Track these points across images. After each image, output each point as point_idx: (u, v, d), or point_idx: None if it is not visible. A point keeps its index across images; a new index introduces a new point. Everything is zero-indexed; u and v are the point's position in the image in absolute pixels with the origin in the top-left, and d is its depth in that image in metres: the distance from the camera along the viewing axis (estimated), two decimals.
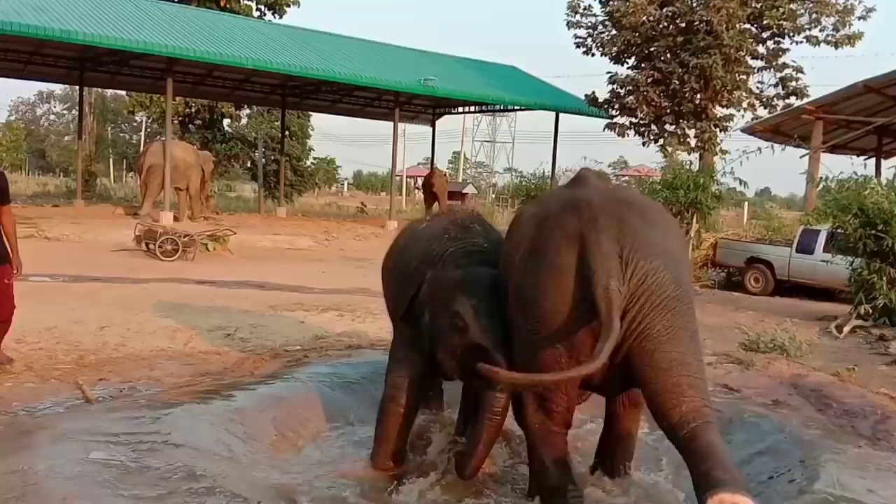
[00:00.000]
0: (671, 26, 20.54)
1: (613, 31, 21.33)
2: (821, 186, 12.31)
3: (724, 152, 20.17)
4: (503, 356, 3.81)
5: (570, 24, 22.14)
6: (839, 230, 11.25)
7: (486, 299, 3.99)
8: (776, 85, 21.33)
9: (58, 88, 57.68)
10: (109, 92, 44.80)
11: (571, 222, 3.59)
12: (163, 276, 11.15)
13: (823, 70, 26.01)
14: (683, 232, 15.11)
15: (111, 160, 50.53)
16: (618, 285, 3.37)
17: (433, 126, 30.34)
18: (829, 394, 5.85)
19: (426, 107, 28.85)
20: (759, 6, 19.89)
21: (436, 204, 26.68)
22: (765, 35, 20.82)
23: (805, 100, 20.52)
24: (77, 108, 28.55)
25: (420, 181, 33.16)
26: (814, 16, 20.22)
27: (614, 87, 21.61)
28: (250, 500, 3.47)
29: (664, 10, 20.32)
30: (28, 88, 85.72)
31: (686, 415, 3.37)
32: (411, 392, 4.44)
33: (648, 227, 3.64)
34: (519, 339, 3.78)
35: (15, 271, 5.75)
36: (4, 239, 5.72)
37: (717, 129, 20.93)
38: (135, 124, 53.45)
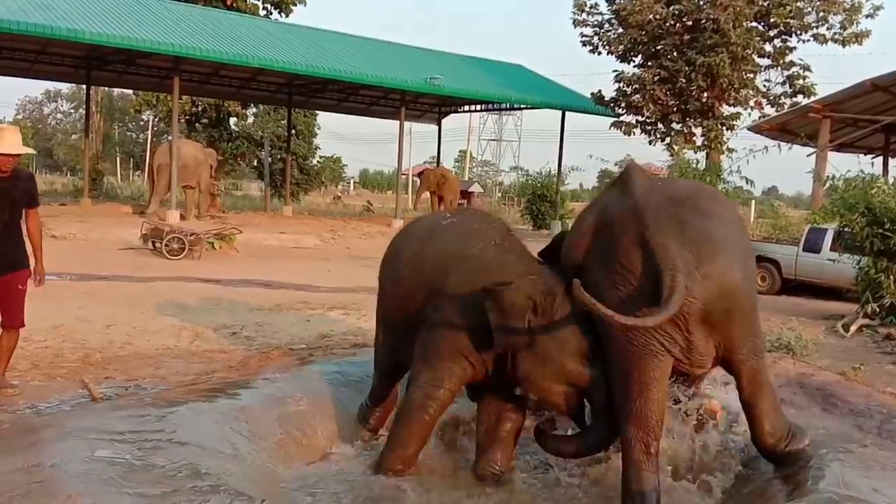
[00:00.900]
0: (678, 24, 20.50)
1: (620, 30, 21.31)
2: (828, 185, 12.27)
3: (730, 151, 20.11)
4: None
5: (576, 23, 22.12)
6: (846, 229, 11.19)
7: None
8: (783, 83, 21.28)
9: (65, 87, 57.84)
10: (116, 91, 44.85)
11: (632, 228, 3.87)
12: (169, 275, 11.17)
13: (830, 68, 25.90)
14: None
15: (118, 159, 50.71)
16: (684, 278, 3.64)
17: (439, 125, 30.31)
18: (834, 393, 5.83)
19: (432, 105, 28.83)
20: (766, 4, 19.86)
21: (440, 202, 26.65)
22: (772, 33, 20.77)
23: (812, 98, 20.46)
24: (84, 106, 28.62)
25: (418, 178, 33.08)
26: (821, 14, 20.18)
27: (621, 85, 21.58)
28: (254, 498, 3.48)
29: (671, 8, 20.28)
30: (35, 87, 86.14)
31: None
32: (444, 403, 4.41)
33: (707, 220, 3.95)
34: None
35: (36, 279, 5.44)
36: (27, 243, 5.48)
37: (724, 128, 20.88)
38: (142, 123, 53.51)
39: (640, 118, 21.66)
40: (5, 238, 5.25)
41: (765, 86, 21.39)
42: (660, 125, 21.43)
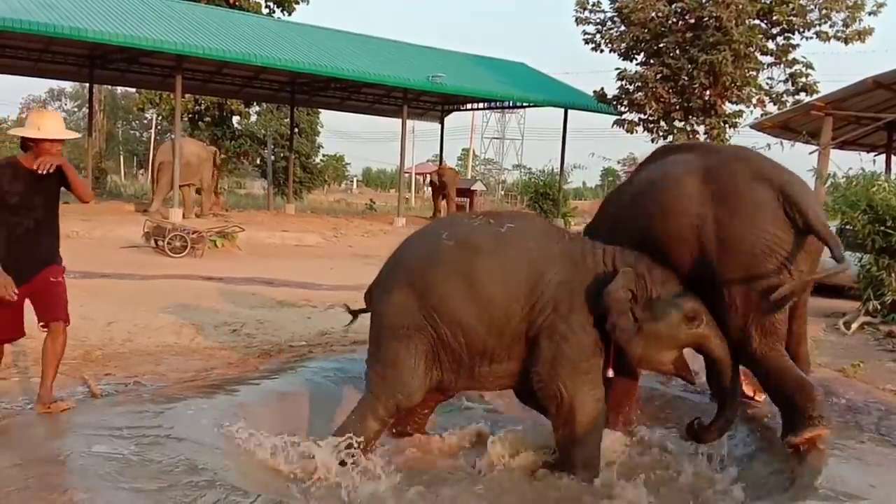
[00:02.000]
0: (680, 22, 20.48)
1: (622, 28, 21.29)
2: (829, 183, 12.25)
3: None
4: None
5: (578, 21, 22.11)
6: (848, 226, 11.18)
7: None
8: (785, 81, 21.25)
9: (68, 86, 57.86)
10: (119, 89, 44.94)
11: (755, 167, 4.46)
12: (171, 273, 11.19)
13: (833, 66, 25.85)
14: None
15: (121, 157, 50.78)
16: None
17: (442, 123, 30.34)
18: (833, 389, 5.82)
19: (435, 104, 28.84)
20: (768, 2, 19.82)
21: (443, 201, 26.66)
22: (774, 31, 20.74)
23: (814, 96, 20.42)
24: (87, 105, 28.66)
25: (429, 178, 33.10)
26: (823, 11, 20.13)
27: (623, 83, 21.56)
28: (250, 493, 3.49)
29: (673, 6, 20.26)
30: (39, 86, 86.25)
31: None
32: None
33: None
34: (734, 275, 4.33)
35: None
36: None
37: (727, 126, 20.86)
38: (145, 121, 53.55)
39: (642, 116, 21.64)
40: (38, 234, 4.83)
41: (767, 83, 21.36)
42: (662, 123, 21.41)
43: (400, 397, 4.51)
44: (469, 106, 29.74)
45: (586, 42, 22.14)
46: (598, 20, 21.96)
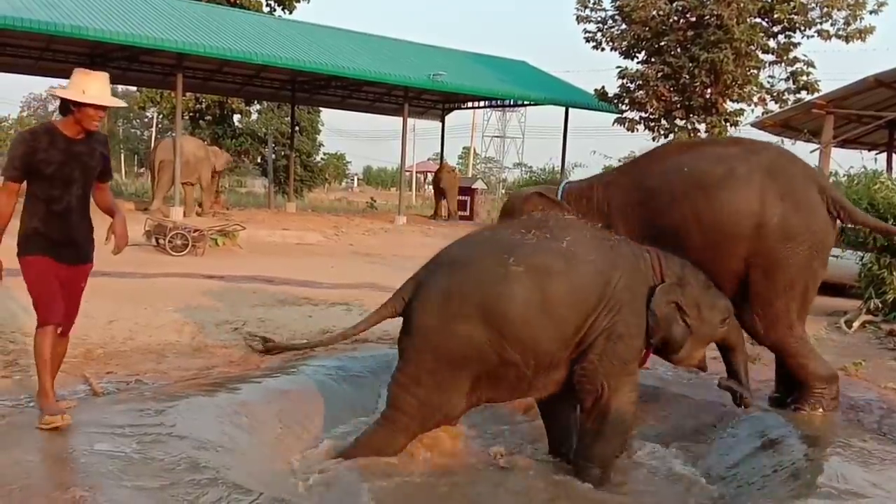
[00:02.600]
0: (681, 20, 20.45)
1: (623, 26, 21.25)
2: (831, 181, 12.25)
3: None
4: None
5: (579, 19, 22.07)
6: (849, 225, 11.18)
7: None
8: (787, 79, 21.21)
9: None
10: (120, 87, 44.87)
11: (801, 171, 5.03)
12: (172, 271, 11.18)
13: (834, 64, 25.86)
14: None
15: (122, 156, 50.78)
16: None
17: (442, 121, 30.33)
18: None
19: (435, 102, 28.83)
20: (769, 0, 19.79)
21: (443, 200, 26.66)
22: (775, 29, 20.70)
23: (815, 94, 20.40)
24: None
25: (430, 177, 33.10)
26: (825, 10, 20.10)
27: (624, 81, 21.53)
28: (252, 491, 3.49)
29: (674, 5, 20.23)
30: (40, 84, 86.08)
31: None
32: None
33: None
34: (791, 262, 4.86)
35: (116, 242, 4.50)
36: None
37: (728, 124, 20.82)
38: (145, 120, 53.62)
39: (643, 114, 21.60)
40: (79, 218, 4.38)
41: (768, 82, 21.32)
42: (663, 121, 21.37)
43: (439, 419, 4.45)
44: (470, 104, 29.74)
45: (587, 40, 22.10)
46: (599, 18, 21.91)
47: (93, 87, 4.21)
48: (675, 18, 20.43)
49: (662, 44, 20.60)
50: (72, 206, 4.31)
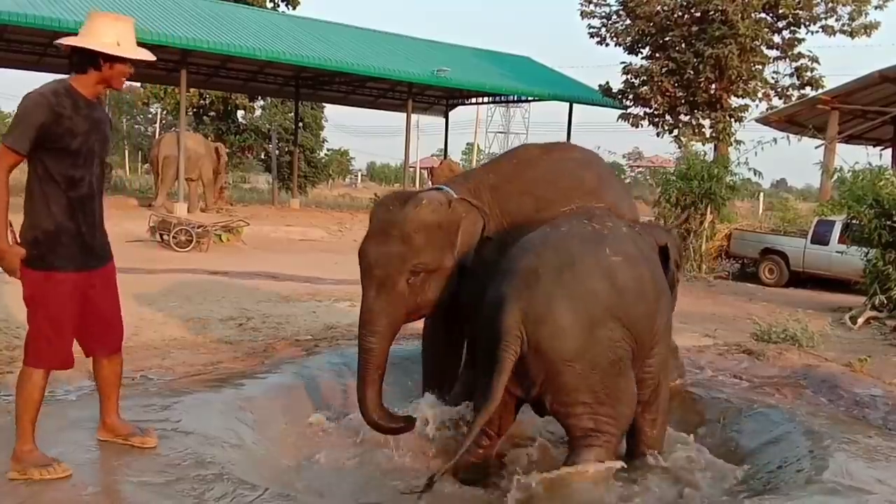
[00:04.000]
0: (686, 16, 20.42)
1: (628, 21, 21.24)
2: (836, 177, 12.24)
3: (738, 142, 20.06)
4: None
5: (584, 14, 22.05)
6: (854, 221, 11.17)
7: None
8: (791, 75, 21.19)
9: None
10: (124, 83, 44.91)
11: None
12: (176, 267, 11.21)
13: (839, 60, 25.78)
14: (697, 223, 15.07)
15: (126, 152, 50.76)
16: None
17: (446, 117, 30.30)
18: (840, 384, 5.82)
19: (439, 98, 28.81)
20: None
21: None
22: (780, 24, 20.67)
23: (820, 90, 20.37)
24: None
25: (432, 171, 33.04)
26: (829, 5, 20.07)
27: (628, 77, 21.51)
28: (258, 486, 3.49)
29: (679, 0, 20.21)
30: (43, 80, 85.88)
31: None
32: None
33: None
34: None
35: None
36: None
37: (732, 120, 20.81)
38: (150, 116, 53.63)
39: (647, 110, 21.58)
40: (99, 205, 3.63)
41: (773, 77, 21.30)
42: (668, 117, 21.35)
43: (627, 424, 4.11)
44: (474, 100, 29.72)
45: (591, 36, 22.10)
46: (603, 14, 21.90)
47: (127, 37, 3.49)
48: (680, 14, 20.41)
49: (667, 39, 20.57)
50: (94, 189, 3.54)
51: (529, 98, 27.91)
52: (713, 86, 20.36)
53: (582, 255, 3.88)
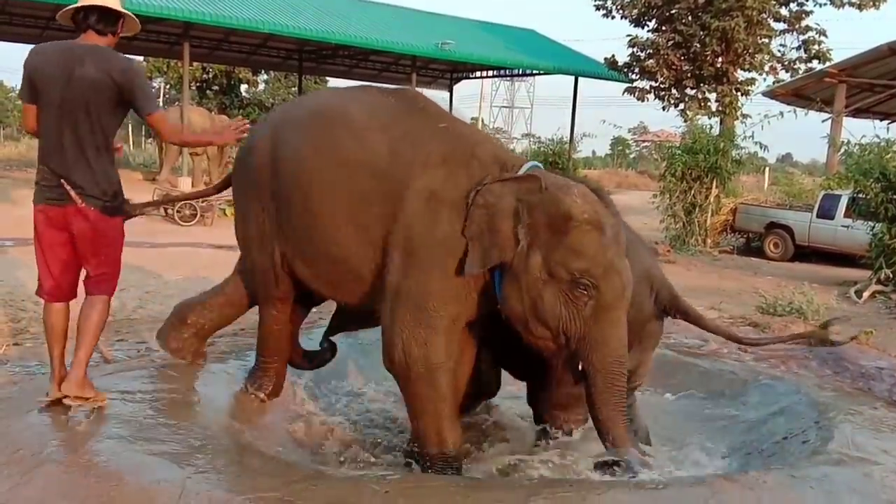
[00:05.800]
0: None
1: None
2: (842, 151, 12.18)
3: (745, 116, 19.95)
4: None
5: None
6: (860, 195, 11.13)
7: None
8: (798, 48, 21.06)
9: None
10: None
11: None
12: (181, 241, 11.20)
13: (847, 33, 25.54)
14: (703, 197, 15.02)
15: (130, 126, 50.59)
16: None
17: (451, 91, 30.12)
18: (845, 356, 5.83)
19: (443, 72, 28.65)
20: None
21: None
22: None
23: (828, 63, 20.22)
24: None
25: None
26: None
27: (634, 50, 21.39)
28: (264, 454, 3.51)
29: None
30: None
31: None
32: None
33: None
34: None
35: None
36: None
37: (739, 93, 20.70)
38: (153, 90, 53.49)
39: (653, 84, 21.48)
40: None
41: (780, 51, 21.17)
42: (674, 91, 21.25)
43: None
44: (478, 74, 29.53)
45: (597, 8, 21.95)
46: None
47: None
48: None
49: (673, 12, 20.41)
50: None
51: (534, 72, 27.70)
52: (719, 59, 20.22)
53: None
